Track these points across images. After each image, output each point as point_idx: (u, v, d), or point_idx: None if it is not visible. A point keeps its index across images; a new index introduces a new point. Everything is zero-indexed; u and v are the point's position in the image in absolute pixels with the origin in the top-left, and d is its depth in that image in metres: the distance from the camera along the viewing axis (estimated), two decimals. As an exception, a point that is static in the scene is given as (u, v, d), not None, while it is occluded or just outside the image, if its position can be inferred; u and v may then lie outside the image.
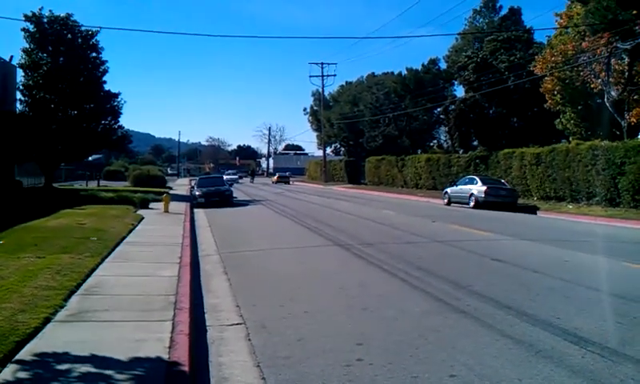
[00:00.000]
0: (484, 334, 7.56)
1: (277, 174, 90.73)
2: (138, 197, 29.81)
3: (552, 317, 8.29)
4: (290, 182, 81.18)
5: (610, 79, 33.31)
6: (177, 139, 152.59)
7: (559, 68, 36.01)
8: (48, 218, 19.87)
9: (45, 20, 34.86)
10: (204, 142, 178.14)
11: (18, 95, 35.17)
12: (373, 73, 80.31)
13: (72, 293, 9.02)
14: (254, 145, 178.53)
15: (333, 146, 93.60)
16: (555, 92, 37.59)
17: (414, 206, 33.92)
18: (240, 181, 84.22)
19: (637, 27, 29.10)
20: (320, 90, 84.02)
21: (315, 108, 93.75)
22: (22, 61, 34.71)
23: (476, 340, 7.28)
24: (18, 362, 6.01)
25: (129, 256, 13.25)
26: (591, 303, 9.43)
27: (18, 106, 35.24)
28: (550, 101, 38.51)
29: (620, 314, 8.65)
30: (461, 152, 51.79)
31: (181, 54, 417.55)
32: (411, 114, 60.58)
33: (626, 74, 33.49)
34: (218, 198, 33.60)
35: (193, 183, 49.72)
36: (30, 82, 34.63)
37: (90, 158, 61.77)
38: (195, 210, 29.60)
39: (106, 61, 37.63)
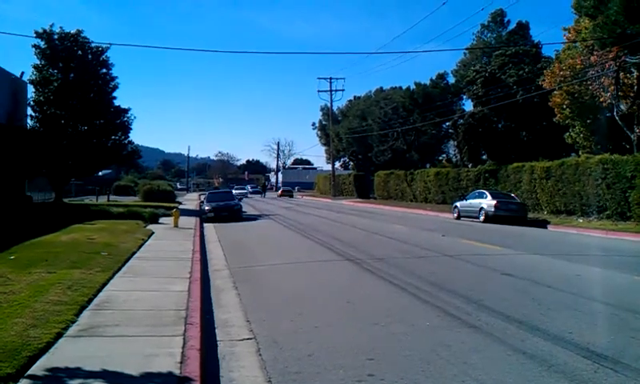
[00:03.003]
0: (496, 348, 7.53)
1: (281, 189, 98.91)
2: (147, 212, 29.88)
3: (564, 331, 8.25)
4: (294, 196, 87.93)
5: (619, 93, 33.27)
6: (186, 154, 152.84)
7: (568, 82, 35.96)
8: (58, 233, 19.95)
9: (55, 37, 35.18)
10: (213, 157, 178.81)
11: (29, 111, 35.45)
12: (381, 87, 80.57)
13: (83, 308, 9.05)
14: (263, 159, 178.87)
15: (342, 160, 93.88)
16: (564, 106, 37.50)
17: (424, 220, 33.86)
18: (249, 195, 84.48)
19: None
20: (328, 104, 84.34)
21: (324, 122, 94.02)
22: (33, 77, 35.02)
23: (488, 355, 7.25)
24: (30, 376, 6.03)
25: (139, 271, 13.28)
26: (603, 318, 9.37)
27: (29, 122, 35.49)
28: (558, 115, 38.43)
29: (633, 329, 8.61)
30: (470, 166, 51.71)
31: (190, 69, 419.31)
32: (420, 128, 60.55)
33: (635, 87, 33.46)
34: (227, 212, 33.63)
35: (202, 198, 49.87)
36: (41, 98, 34.88)
37: (99, 173, 61.99)
38: (205, 225, 29.64)
39: (116, 77, 38.00)
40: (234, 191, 54.69)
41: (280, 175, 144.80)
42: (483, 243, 20.34)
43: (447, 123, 61.43)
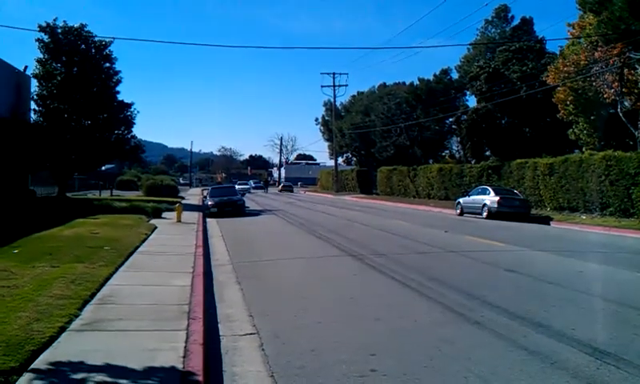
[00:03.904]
0: (498, 344, 7.53)
1: (282, 184, 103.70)
2: (150, 206, 29.91)
3: (567, 328, 8.23)
4: (294, 191, 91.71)
5: (623, 89, 33.17)
6: (189, 149, 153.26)
7: (572, 78, 35.86)
8: (62, 228, 19.98)
9: (59, 31, 35.15)
10: (216, 152, 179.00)
11: (32, 105, 35.41)
12: (384, 83, 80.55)
13: (86, 302, 9.07)
14: (266, 155, 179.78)
15: (344, 155, 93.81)
16: (568, 102, 37.41)
17: (426, 216, 33.84)
18: (252, 191, 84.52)
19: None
20: (332, 99, 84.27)
21: (327, 118, 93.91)
22: (36, 71, 34.98)
23: (490, 351, 7.25)
24: (34, 370, 6.05)
25: (142, 265, 13.31)
26: (606, 314, 9.36)
27: (32, 116, 35.47)
28: (562, 111, 38.33)
29: (635, 326, 8.60)
30: (473, 162, 51.62)
31: (193, 64, 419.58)
32: (423, 123, 60.53)
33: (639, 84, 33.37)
34: (230, 207, 33.62)
35: (205, 193, 49.89)
36: (44, 92, 34.87)
37: (102, 168, 62.16)
38: (208, 220, 29.64)
39: (120, 71, 37.96)
40: (236, 186, 54.71)
41: (283, 170, 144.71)
42: (486, 239, 20.31)
43: (450, 119, 61.44)
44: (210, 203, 34.57)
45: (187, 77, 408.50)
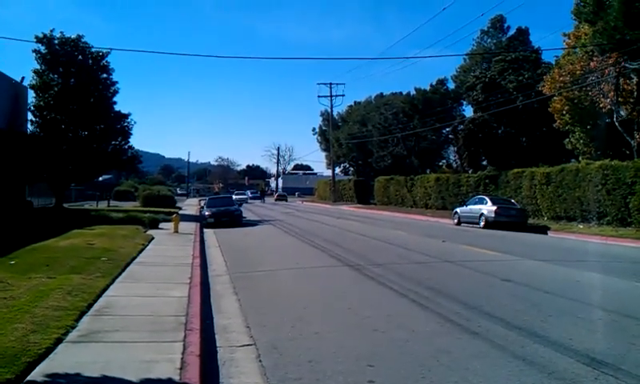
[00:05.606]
0: (496, 355, 7.51)
1: (277, 194, 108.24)
2: (147, 217, 29.86)
3: (564, 338, 8.23)
4: (288, 200, 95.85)
5: (619, 99, 33.29)
6: (186, 159, 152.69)
7: (568, 88, 35.98)
8: (58, 239, 19.93)
9: (56, 42, 35.24)
10: (213, 162, 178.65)
11: (29, 116, 35.52)
12: (381, 93, 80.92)
13: (83, 313, 9.04)
14: (263, 165, 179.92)
15: (342, 165, 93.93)
16: (564, 112, 37.51)
17: (424, 226, 33.83)
18: (250, 201, 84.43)
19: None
20: (329, 110, 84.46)
21: (324, 128, 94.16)
22: (33, 82, 35.07)
23: (488, 361, 7.23)
24: (30, 382, 6.02)
25: (139, 276, 13.27)
26: (604, 324, 9.36)
27: (29, 127, 35.56)
28: (558, 121, 38.44)
29: (633, 335, 8.59)
30: (470, 172, 51.72)
31: (190, 74, 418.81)
32: (420, 133, 60.64)
33: (635, 93, 33.48)
34: (227, 218, 33.57)
35: (202, 203, 49.86)
36: (41, 103, 34.93)
37: (99, 179, 62.11)
38: (205, 230, 29.61)
39: (117, 82, 38.10)
40: (234, 196, 54.73)
41: (280, 181, 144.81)
42: (483, 249, 20.30)
43: (447, 129, 61.65)
44: (207, 213, 34.55)
45: (184, 86, 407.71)
